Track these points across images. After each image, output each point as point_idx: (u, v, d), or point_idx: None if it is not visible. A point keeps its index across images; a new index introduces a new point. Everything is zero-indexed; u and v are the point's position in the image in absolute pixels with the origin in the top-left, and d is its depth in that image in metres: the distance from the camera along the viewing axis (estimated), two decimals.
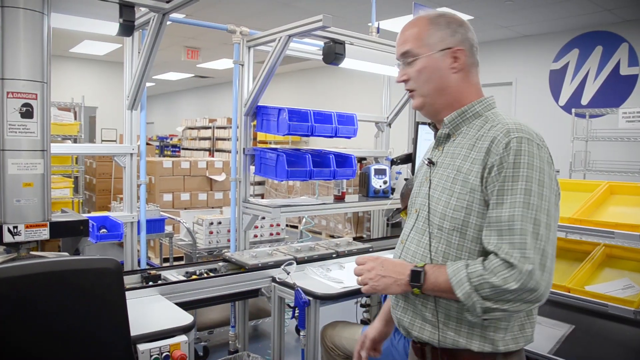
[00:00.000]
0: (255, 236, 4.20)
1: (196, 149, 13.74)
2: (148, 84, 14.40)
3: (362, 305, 3.46)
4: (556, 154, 5.35)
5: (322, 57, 2.65)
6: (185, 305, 2.30)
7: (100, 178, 7.31)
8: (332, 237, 7.91)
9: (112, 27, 2.22)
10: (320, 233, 8.20)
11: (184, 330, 1.95)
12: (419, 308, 1.40)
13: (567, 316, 3.21)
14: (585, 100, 6.82)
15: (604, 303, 2.67)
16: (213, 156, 12.08)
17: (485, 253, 1.28)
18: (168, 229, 4.40)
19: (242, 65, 2.93)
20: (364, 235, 7.27)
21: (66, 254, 1.96)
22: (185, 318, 2.03)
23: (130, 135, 2.66)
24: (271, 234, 4.33)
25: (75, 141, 6.18)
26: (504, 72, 7.65)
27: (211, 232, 3.90)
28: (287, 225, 8.19)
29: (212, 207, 6.14)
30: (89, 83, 11.01)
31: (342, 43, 2.56)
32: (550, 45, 7.11)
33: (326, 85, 10.65)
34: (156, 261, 5.30)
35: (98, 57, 10.81)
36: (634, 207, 2.87)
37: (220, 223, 3.87)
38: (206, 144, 13.59)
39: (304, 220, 3.75)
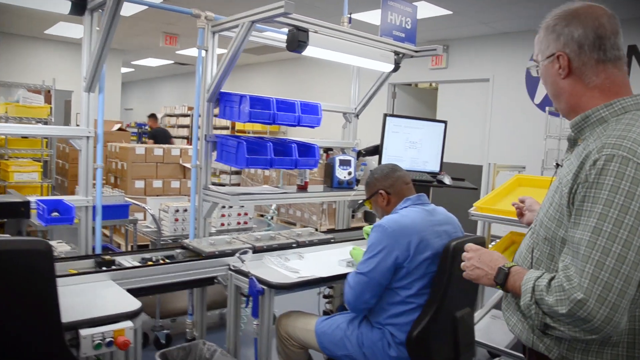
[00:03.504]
0: (222, 225, 4.16)
1: (175, 137, 13.61)
2: (127, 70, 14.19)
3: (324, 297, 3.45)
4: (529, 151, 5.44)
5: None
6: (138, 292, 2.27)
7: (73, 163, 7.19)
8: (306, 227, 7.89)
9: (65, 5, 2.17)
10: (294, 224, 8.18)
11: (130, 316, 1.91)
12: (516, 306, 1.42)
13: None
14: None
15: None
16: (191, 144, 11.97)
17: None
18: (139, 216, 4.35)
19: (206, 50, 2.89)
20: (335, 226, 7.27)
21: (7, 235, 1.91)
22: (132, 304, 1.99)
23: (87, 118, 2.61)
24: (238, 223, 4.29)
25: (45, 125, 6.08)
26: (482, 69, 7.67)
27: (176, 220, 3.86)
28: (261, 215, 8.22)
29: (186, 195, 6.08)
30: (64, 66, 10.81)
31: (306, 31, 2.53)
32: (528, 43, 7.13)
33: (307, 76, 10.60)
34: (124, 248, 5.24)
35: (74, 40, 10.61)
36: None
37: (185, 210, 3.83)
38: (185, 132, 13.49)
39: (271, 209, 3.72)
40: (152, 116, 10.17)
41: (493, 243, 3.39)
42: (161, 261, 2.57)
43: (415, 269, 2.16)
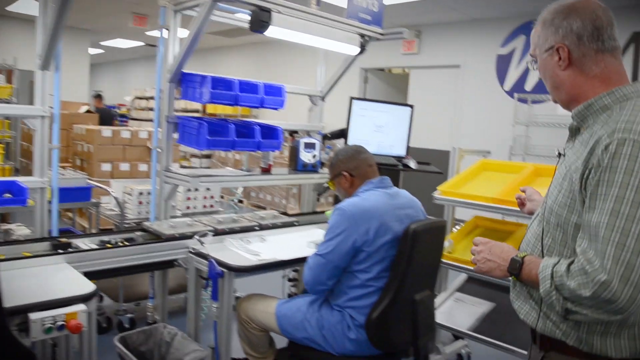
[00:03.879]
0: (188, 208, 4.12)
1: (145, 119, 13.38)
2: (96, 51, 13.79)
3: (289, 280, 3.45)
4: (498, 137, 5.48)
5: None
6: (94, 275, 2.23)
7: None
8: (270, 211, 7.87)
9: None
10: (265, 208, 8.15)
11: (84, 299, 1.88)
12: (528, 294, 1.44)
13: (490, 294, 3.29)
14: (529, 86, 6.94)
15: None
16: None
17: None
18: (105, 200, 4.27)
19: (168, 30, 2.83)
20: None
21: None
22: (86, 287, 1.95)
23: (41, 97, 2.53)
24: (204, 206, 4.26)
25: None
26: (453, 55, 7.70)
27: (140, 203, 3.81)
28: (228, 197, 8.16)
29: None
30: (29, 45, 10.46)
31: (268, 11, 2.49)
32: (499, 31, 7.18)
33: (280, 59, 10.49)
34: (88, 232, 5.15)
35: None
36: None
37: (150, 193, 3.77)
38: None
39: (238, 191, 3.69)
40: (98, 96, 9.94)
41: (457, 227, 3.42)
42: (120, 244, 2.52)
43: (374, 253, 2.17)
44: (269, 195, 7.98)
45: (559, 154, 1.45)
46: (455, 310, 3.17)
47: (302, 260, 2.52)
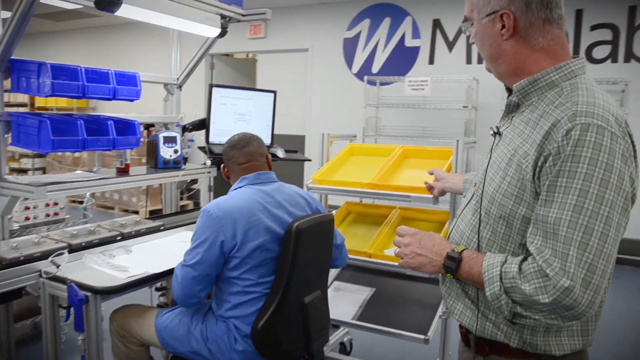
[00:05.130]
0: (27, 219, 3.56)
1: None
2: None
3: (157, 289, 3.11)
4: (351, 119, 5.54)
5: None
6: None
7: None
8: (126, 211, 7.28)
9: None
10: (113, 208, 7.49)
11: None
12: (461, 292, 1.31)
13: (369, 280, 3.27)
14: (375, 68, 7.14)
15: None
16: None
17: None
18: None
19: None
20: (162, 208, 6.80)
21: None
22: None
23: None
24: (47, 215, 3.71)
25: None
26: (301, 39, 7.65)
27: None
28: (75, 201, 7.38)
29: None
30: None
31: None
32: (345, 14, 7.27)
33: (120, 46, 9.60)
34: None
35: None
36: (425, 170, 2.97)
37: None
38: None
39: (87, 197, 3.24)
40: None
41: (333, 211, 3.34)
42: None
43: (247, 258, 1.98)
44: (116, 194, 7.33)
45: (495, 133, 1.31)
46: (336, 300, 3.09)
47: None
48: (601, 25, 5.88)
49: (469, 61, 6.51)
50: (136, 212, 7.11)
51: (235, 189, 2.15)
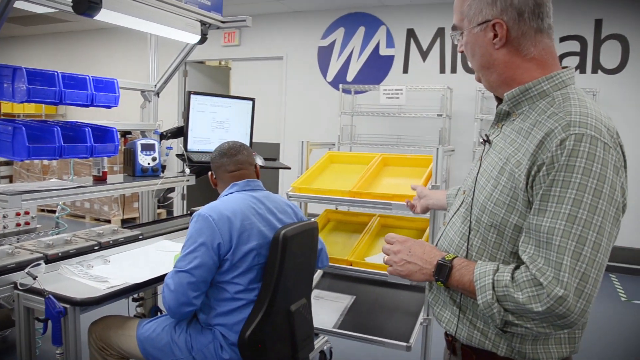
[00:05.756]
0: None
1: None
2: None
3: (134, 299, 3.05)
4: (326, 128, 5.56)
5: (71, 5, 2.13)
6: None
7: None
8: (98, 220, 7.13)
9: None
10: (84, 217, 7.32)
11: None
12: (448, 300, 1.30)
13: (349, 287, 3.26)
14: (350, 77, 7.17)
15: (384, 273, 2.71)
16: None
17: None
18: None
19: None
20: (135, 217, 6.68)
21: None
22: None
23: None
24: (18, 225, 3.61)
25: None
26: (276, 46, 7.64)
27: None
28: (45, 210, 7.20)
29: None
30: None
31: None
32: (319, 23, 7.29)
33: (94, 52, 9.39)
34: None
35: None
36: (405, 178, 2.98)
37: None
38: None
39: (60, 205, 3.15)
40: None
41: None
42: None
43: (239, 262, 1.97)
44: (87, 202, 7.17)
45: (485, 141, 1.31)
46: (317, 308, 3.07)
47: (159, 280, 2.20)
48: (570, 37, 6.03)
49: (442, 70, 6.59)
50: (108, 221, 6.97)
51: (227, 195, 2.16)
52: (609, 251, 1.09)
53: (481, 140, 1.33)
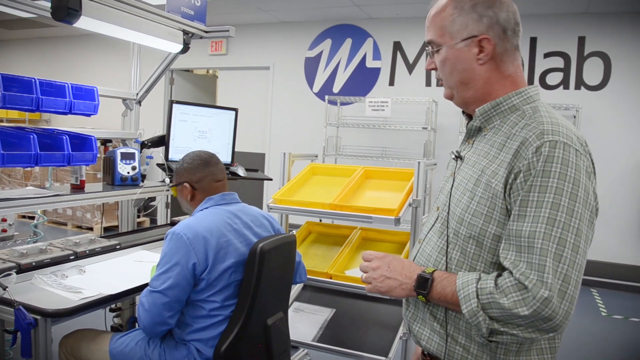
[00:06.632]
0: None
1: None
2: None
3: (111, 310, 3.00)
4: (311, 139, 5.55)
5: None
6: None
7: None
8: (80, 227, 7.05)
9: None
10: (66, 224, 7.23)
11: None
12: (428, 317, 1.29)
13: (328, 300, 3.24)
14: (336, 88, 7.19)
15: (363, 286, 2.70)
16: None
17: (502, 267, 1.11)
18: None
19: None
20: (118, 225, 6.62)
21: None
22: None
23: None
24: None
25: None
26: (262, 56, 7.65)
27: None
28: (25, 217, 7.10)
29: None
30: None
31: None
32: (306, 33, 7.31)
33: (77, 59, 9.34)
34: None
35: None
36: (387, 191, 2.98)
37: None
38: None
39: (37, 214, 3.11)
40: None
41: (294, 231, 3.31)
42: None
43: (216, 280, 1.93)
44: (69, 209, 7.09)
45: (457, 157, 1.32)
46: (296, 321, 3.05)
47: (134, 291, 2.17)
48: (554, 53, 6.11)
49: (428, 83, 6.63)
50: (90, 229, 6.89)
51: (202, 210, 2.10)
52: (586, 253, 1.11)
53: (452, 156, 1.35)
